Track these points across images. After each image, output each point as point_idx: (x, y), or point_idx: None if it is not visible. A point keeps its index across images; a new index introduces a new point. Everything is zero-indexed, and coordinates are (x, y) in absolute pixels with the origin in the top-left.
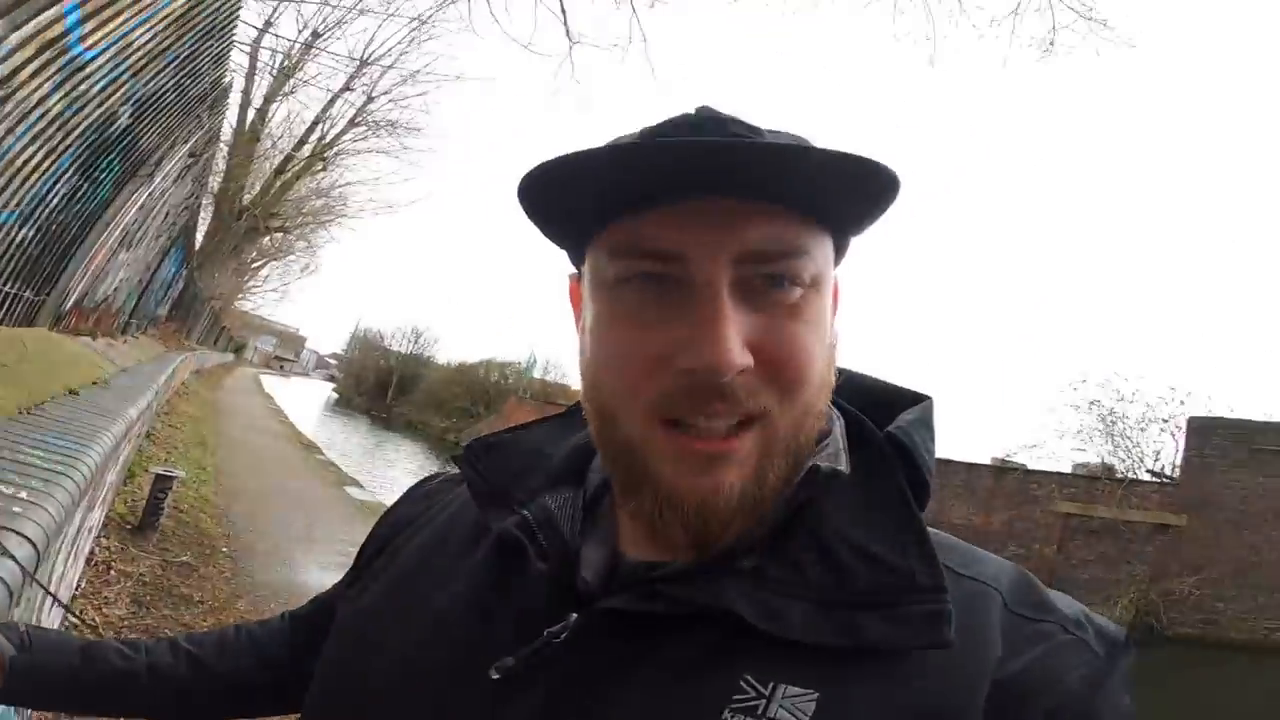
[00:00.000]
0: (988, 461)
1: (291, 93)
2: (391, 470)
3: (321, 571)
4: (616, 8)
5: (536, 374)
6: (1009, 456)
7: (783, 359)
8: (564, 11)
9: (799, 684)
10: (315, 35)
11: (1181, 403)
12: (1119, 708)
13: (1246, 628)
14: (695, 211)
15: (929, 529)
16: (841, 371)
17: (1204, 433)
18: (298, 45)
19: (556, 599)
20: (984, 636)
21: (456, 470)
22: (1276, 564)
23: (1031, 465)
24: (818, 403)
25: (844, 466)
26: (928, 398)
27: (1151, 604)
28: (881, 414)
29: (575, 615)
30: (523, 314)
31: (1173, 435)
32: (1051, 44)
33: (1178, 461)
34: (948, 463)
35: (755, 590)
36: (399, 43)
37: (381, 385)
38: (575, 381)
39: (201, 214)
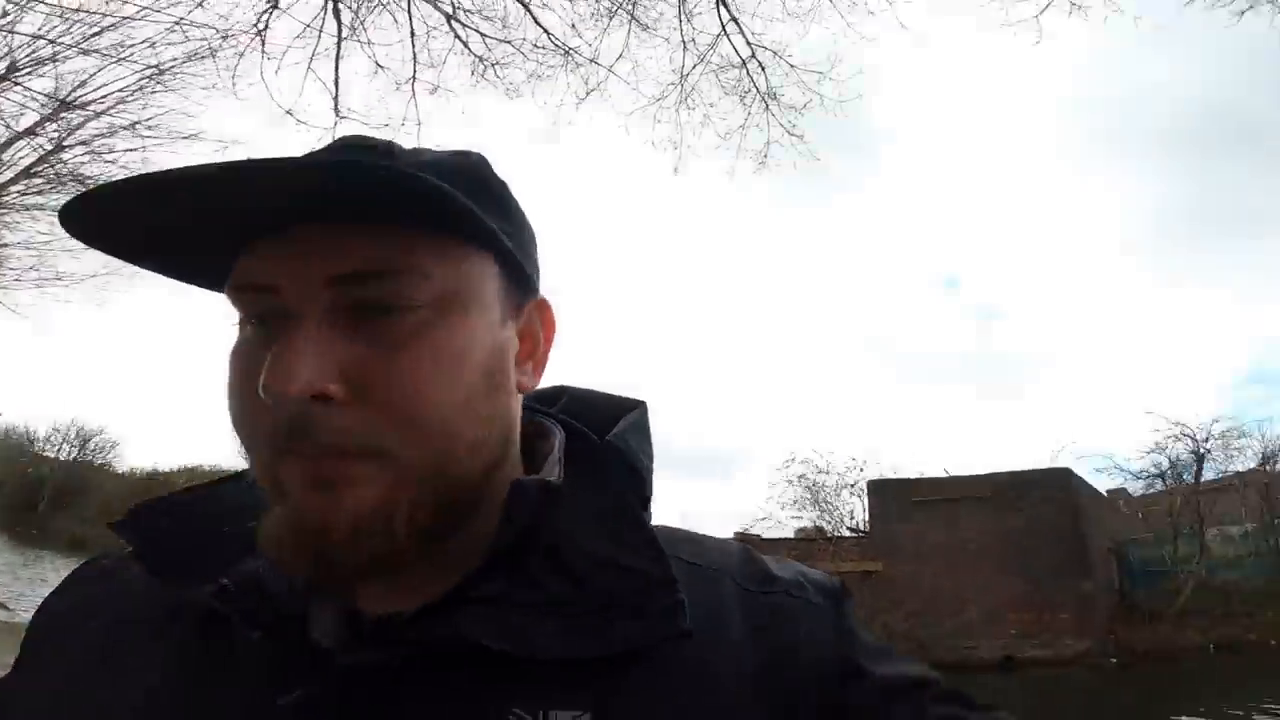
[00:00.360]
0: (731, 536)
1: None
2: (48, 589)
3: None
4: (396, 89)
5: None
6: (747, 529)
7: (387, 390)
8: (336, 85)
9: (570, 706)
10: (13, 68)
11: (861, 469)
12: (864, 641)
13: (950, 649)
14: (291, 241)
15: (657, 525)
16: (563, 388)
17: (879, 491)
18: None
19: (285, 668)
20: (725, 617)
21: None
22: (952, 592)
23: (765, 535)
24: (465, 433)
25: (555, 478)
26: (641, 403)
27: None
28: (605, 424)
29: (311, 682)
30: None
31: (859, 496)
32: (765, 158)
33: (865, 517)
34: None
35: (500, 616)
36: (122, 90)
37: (28, 497)
38: None
39: None
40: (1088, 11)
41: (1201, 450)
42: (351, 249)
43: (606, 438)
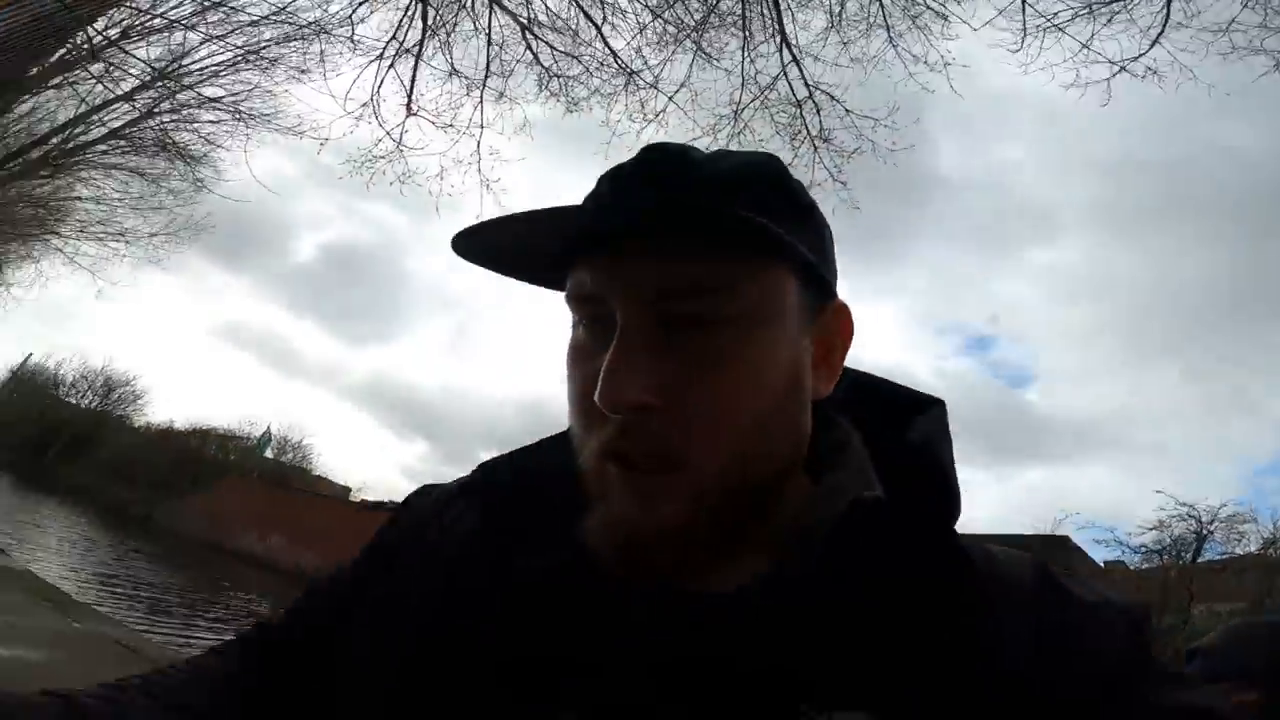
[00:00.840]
0: None
1: (56, 86)
2: (43, 536)
3: None
4: (468, 93)
5: (269, 454)
6: None
7: (699, 405)
8: (412, 82)
9: (854, 707)
10: (125, 35)
11: None
12: (1156, 668)
13: None
14: (618, 260)
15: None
16: (846, 372)
17: None
18: (95, 40)
19: (611, 640)
20: (1010, 629)
21: (458, 480)
22: None
23: None
24: (762, 445)
25: (879, 491)
26: (940, 402)
27: None
28: (897, 418)
29: (638, 655)
30: (273, 384)
31: None
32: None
33: None
34: None
35: (803, 612)
36: (217, 65)
37: (41, 441)
38: (319, 466)
39: None
40: (1161, 78)
41: (1204, 531)
42: (670, 268)
43: (915, 442)
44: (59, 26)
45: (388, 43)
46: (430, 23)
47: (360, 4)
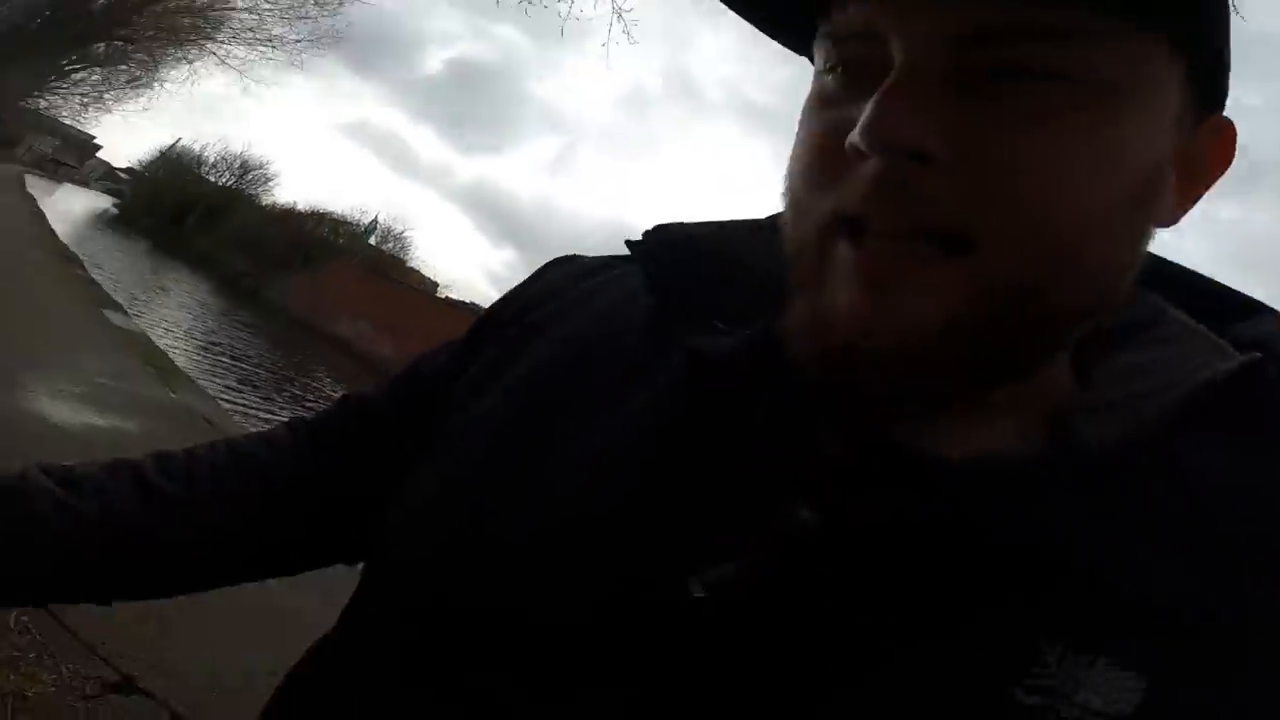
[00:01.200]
0: None
1: None
2: (164, 298)
3: (54, 401)
4: None
5: (373, 241)
6: None
7: (1007, 164)
8: None
9: (1123, 662)
10: None
11: None
12: None
13: None
14: None
15: None
16: (1152, 257)
17: None
18: None
19: (786, 479)
20: None
21: (608, 256)
22: None
23: None
24: (1090, 251)
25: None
26: (1275, 310)
27: None
28: (1206, 314)
29: (828, 510)
30: (385, 179)
31: None
32: None
33: None
34: None
35: (1069, 510)
36: None
37: (180, 211)
38: (414, 259)
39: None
40: None
41: None
42: (986, 3)
43: (1247, 339)
44: None
45: None
46: None
47: None
